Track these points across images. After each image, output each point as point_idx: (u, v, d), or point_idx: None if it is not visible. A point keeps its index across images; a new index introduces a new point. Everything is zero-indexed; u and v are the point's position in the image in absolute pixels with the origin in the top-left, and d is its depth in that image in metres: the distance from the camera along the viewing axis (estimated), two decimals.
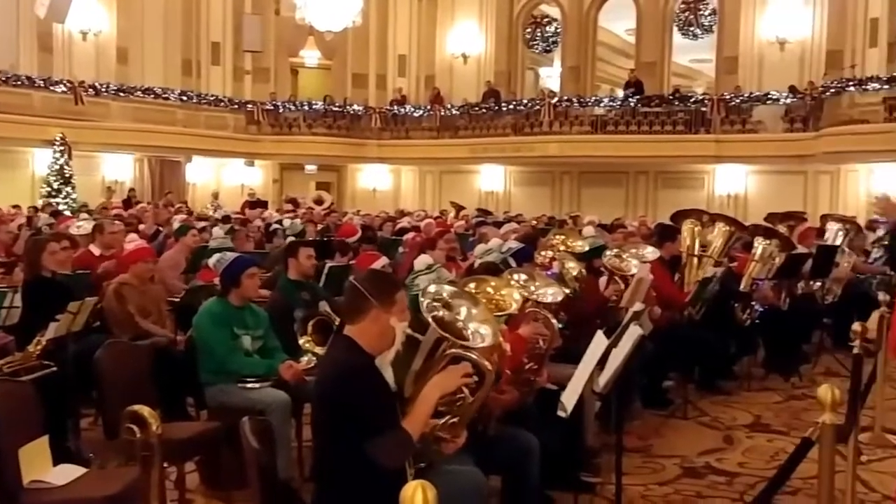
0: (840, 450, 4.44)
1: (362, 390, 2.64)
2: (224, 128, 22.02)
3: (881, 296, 5.93)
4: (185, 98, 21.18)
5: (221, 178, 23.17)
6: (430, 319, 2.80)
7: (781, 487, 4.34)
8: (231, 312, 4.49)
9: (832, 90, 17.18)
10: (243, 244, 8.08)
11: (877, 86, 16.24)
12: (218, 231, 8.47)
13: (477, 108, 21.88)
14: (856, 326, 4.53)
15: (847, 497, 4.22)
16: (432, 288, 2.85)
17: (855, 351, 4.40)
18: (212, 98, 21.89)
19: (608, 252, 6.05)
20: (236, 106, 22.32)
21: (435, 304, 2.85)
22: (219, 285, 4.69)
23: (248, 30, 22.61)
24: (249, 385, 4.38)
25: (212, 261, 4.79)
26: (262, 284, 6.06)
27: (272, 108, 22.42)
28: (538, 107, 20.83)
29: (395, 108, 23.15)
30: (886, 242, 9.24)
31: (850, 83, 16.79)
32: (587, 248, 6.03)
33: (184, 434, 4.10)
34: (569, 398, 3.33)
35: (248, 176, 23.00)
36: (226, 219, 12.18)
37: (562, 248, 5.85)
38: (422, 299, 2.88)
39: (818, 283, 8.17)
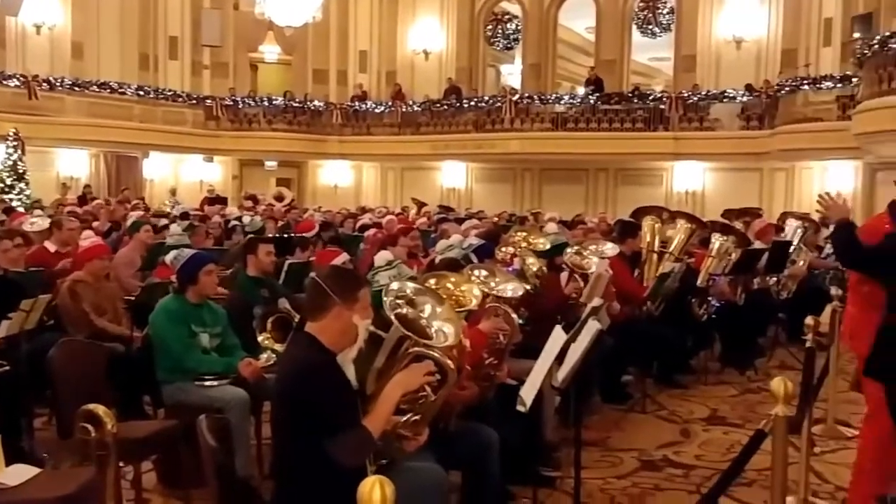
0: (794, 441, 4.55)
1: (323, 388, 2.62)
2: (182, 123, 21.74)
3: (833, 290, 6.06)
4: (142, 93, 20.87)
5: (180, 175, 22.89)
6: (392, 317, 2.79)
7: (736, 479, 4.44)
8: (188, 310, 4.44)
9: (787, 89, 17.48)
10: (201, 241, 7.99)
11: (830, 84, 16.56)
12: (175, 228, 8.35)
13: (438, 105, 21.89)
14: (808, 321, 4.61)
15: (801, 488, 4.32)
16: (395, 285, 2.84)
17: (808, 345, 4.49)
18: (170, 93, 21.59)
19: (569, 249, 6.09)
20: (195, 101, 22.04)
21: (398, 301, 2.84)
22: (176, 282, 4.63)
23: (207, 24, 22.35)
24: (207, 383, 4.33)
25: (169, 258, 4.73)
26: (220, 281, 6.02)
27: (231, 103, 22.18)
28: (499, 104, 20.90)
29: (356, 103, 23.05)
30: None
31: (805, 82, 17.10)
32: (549, 246, 6.06)
33: (140, 433, 4.05)
34: (528, 393, 3.35)
35: (206, 172, 22.74)
36: (184, 215, 12.02)
37: (524, 244, 5.87)
38: (385, 297, 2.87)
39: (773, 279, 8.32)
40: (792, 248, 8.60)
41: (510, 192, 22.15)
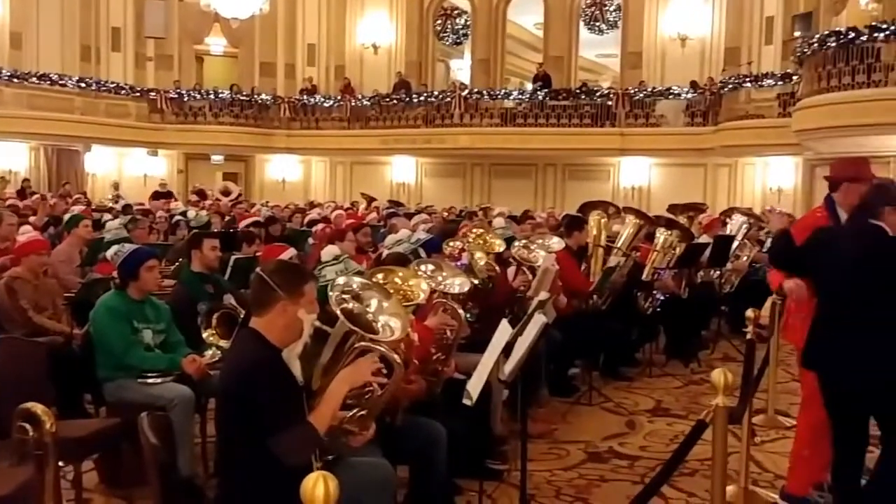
0: (735, 431, 4.65)
1: (267, 384, 2.59)
2: (125, 116, 21.31)
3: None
4: (83, 85, 20.37)
5: (123, 169, 22.45)
6: (338, 312, 2.77)
7: (678, 468, 4.52)
8: (130, 306, 4.36)
9: (730, 86, 17.83)
10: (143, 236, 7.84)
11: (771, 82, 16.94)
12: (111, 223, 8.16)
13: (388, 99, 21.83)
14: (749, 313, 4.71)
15: (741, 477, 4.42)
16: (341, 280, 2.82)
17: (748, 337, 4.60)
18: (112, 85, 21.14)
19: (517, 243, 6.12)
20: (138, 94, 21.62)
21: (344, 296, 2.82)
22: (117, 278, 4.54)
23: (151, 15, 21.92)
24: (150, 380, 4.26)
25: (109, 253, 4.63)
26: (164, 277, 5.92)
27: (176, 96, 21.81)
28: (449, 99, 20.93)
29: (305, 97, 22.87)
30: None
31: (747, 79, 17.47)
32: (504, 248, 6.06)
33: (81, 432, 3.96)
34: (474, 386, 3.37)
35: (151, 166, 22.34)
36: (126, 209, 11.80)
37: (479, 242, 5.87)
38: (330, 292, 2.84)
39: (716, 273, 8.48)
40: (735, 242, 8.79)
41: (460, 186, 22.21)
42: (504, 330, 3.58)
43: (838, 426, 3.81)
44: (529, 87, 21.82)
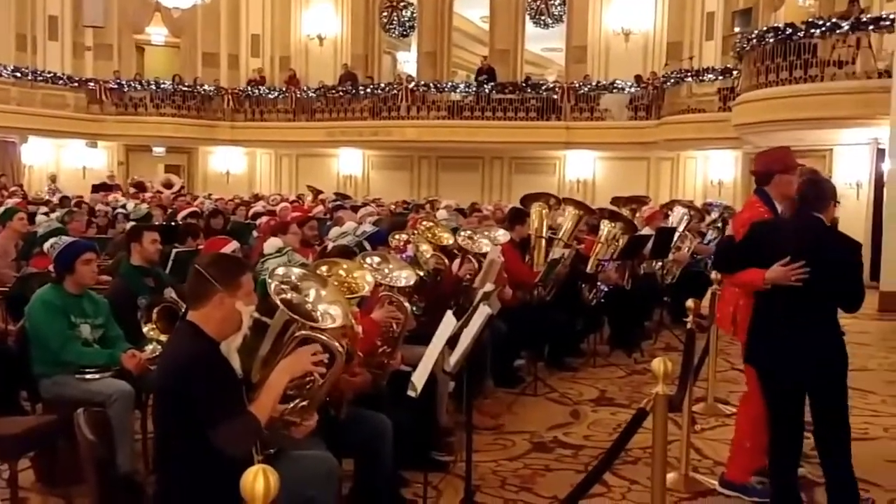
0: (676, 419, 4.74)
1: (205, 376, 2.56)
2: (63, 107, 20.78)
3: (713, 275, 6.32)
4: (19, 75, 19.80)
5: (61, 160, 21.88)
6: (278, 301, 2.75)
7: (620, 456, 4.59)
8: (67, 300, 4.26)
9: (672, 80, 18.13)
10: (80, 228, 7.65)
11: (712, 77, 17.27)
12: (41, 217, 7.95)
13: (334, 91, 21.66)
14: (689, 303, 4.80)
15: (682, 464, 4.50)
16: (280, 270, 2.79)
17: (688, 326, 4.68)
18: (49, 75, 20.57)
19: (462, 233, 6.13)
20: (76, 84, 21.09)
21: (283, 286, 2.79)
22: (53, 272, 4.42)
23: (89, 4, 21.35)
24: (89, 376, 4.16)
25: (46, 246, 4.51)
26: (102, 271, 5.79)
27: (116, 86, 21.33)
28: (395, 91, 20.86)
29: (249, 88, 22.56)
30: (720, 225, 9.90)
31: (689, 74, 17.77)
32: (452, 241, 6.06)
33: (16, 429, 3.86)
34: (419, 378, 3.37)
35: (90, 158, 21.83)
36: (63, 202, 11.51)
37: (428, 235, 5.86)
38: (269, 280, 2.81)
39: (659, 264, 8.62)
40: (676, 234, 8.95)
41: (407, 179, 22.17)
42: (448, 322, 3.59)
43: (777, 419, 3.91)
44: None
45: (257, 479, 1.77)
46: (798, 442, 3.96)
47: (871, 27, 11.88)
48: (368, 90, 21.31)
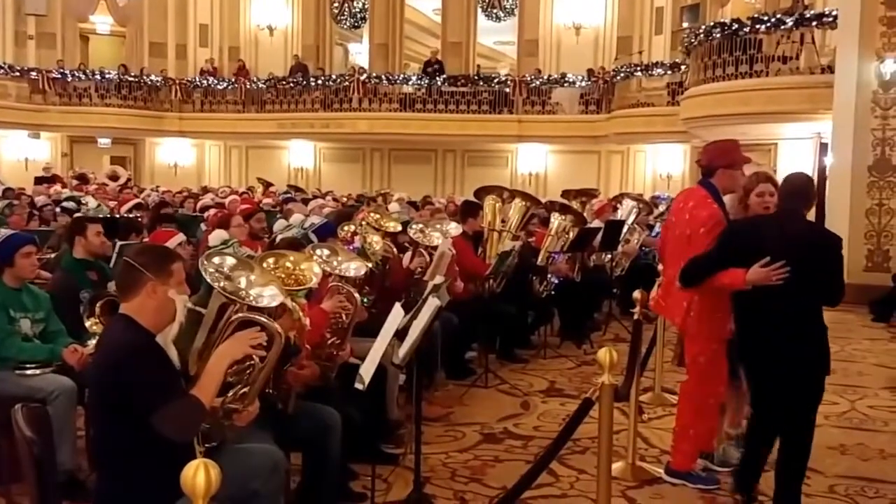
0: (624, 409, 4.80)
1: (142, 365, 2.50)
2: (4, 97, 20.25)
3: (661, 267, 6.40)
4: None
5: (2, 152, 21.31)
6: (215, 286, 2.70)
7: (569, 446, 4.64)
8: (6, 294, 4.14)
9: (622, 74, 18.31)
10: (20, 222, 7.45)
11: (661, 71, 17.50)
12: None
13: (284, 83, 21.43)
14: (636, 294, 4.86)
15: (629, 453, 4.56)
16: (216, 259, 2.75)
17: (635, 317, 4.74)
18: None
19: (413, 226, 6.12)
20: (18, 73, 20.54)
21: (218, 275, 2.74)
22: None
23: None
24: (29, 372, 4.06)
25: None
26: (44, 265, 5.65)
27: (59, 76, 20.83)
28: (347, 83, 20.72)
29: (199, 79, 22.20)
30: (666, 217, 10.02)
31: (638, 68, 17.98)
32: (400, 229, 6.05)
33: None
34: (366, 370, 3.35)
35: (33, 149, 21.29)
36: (6, 193, 11.21)
37: (375, 226, 5.83)
38: (204, 265, 2.76)
39: (608, 256, 8.72)
40: (626, 227, 9.05)
41: (360, 172, 22.08)
42: (396, 314, 3.58)
43: (760, 417, 3.96)
44: None
45: (198, 473, 1.74)
46: (772, 440, 4.01)
47: (814, 23, 12.13)
48: (320, 82, 21.14)
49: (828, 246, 3.83)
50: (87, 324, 4.24)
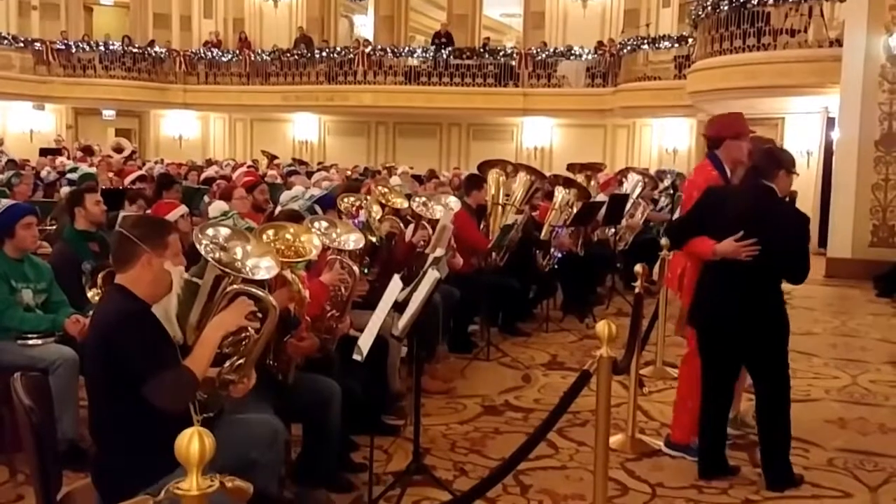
0: (624, 383, 4.81)
1: (136, 332, 2.51)
2: (8, 68, 20.19)
3: (664, 241, 6.39)
4: None
5: (7, 123, 21.30)
6: (209, 259, 2.70)
7: (569, 419, 4.66)
8: (7, 265, 4.15)
9: (629, 48, 18.16)
10: (25, 192, 7.45)
11: (668, 44, 17.33)
12: None
13: (289, 55, 21.31)
14: (637, 268, 4.84)
15: (629, 425, 4.58)
16: (210, 231, 2.74)
17: (636, 290, 4.74)
18: None
19: (416, 199, 6.09)
20: (22, 44, 20.46)
21: (212, 246, 2.74)
22: None
23: None
24: (31, 342, 4.08)
25: None
26: (46, 237, 5.66)
27: (63, 47, 20.74)
28: (352, 56, 20.60)
29: (203, 51, 22.09)
30: (672, 192, 10.00)
31: (645, 41, 17.81)
32: (406, 205, 6.02)
33: None
34: (364, 342, 3.36)
35: (37, 121, 21.26)
36: (10, 165, 11.21)
37: (382, 200, 5.81)
38: (199, 237, 2.75)
39: (612, 231, 8.69)
40: (630, 201, 9.02)
41: (364, 145, 22.01)
42: (395, 286, 3.58)
43: (709, 380, 4.01)
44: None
45: (192, 441, 1.74)
46: (727, 404, 4.08)
47: None
48: (324, 54, 21.01)
49: (792, 223, 3.84)
50: (89, 294, 4.25)
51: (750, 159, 4.38)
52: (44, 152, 16.93)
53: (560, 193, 8.01)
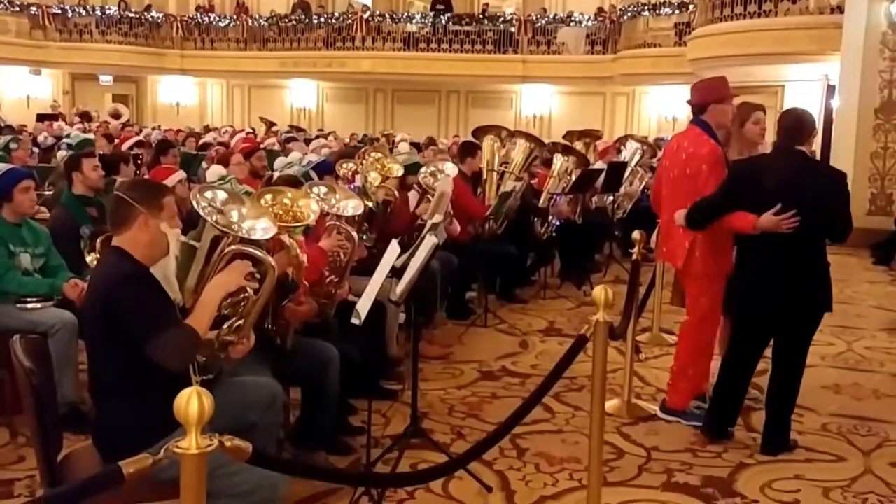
0: (621, 349, 4.84)
1: (137, 294, 2.52)
2: (4, 32, 20.02)
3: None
4: None
5: (3, 89, 21.15)
6: (207, 220, 2.70)
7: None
8: (6, 229, 4.15)
9: (629, 14, 18.00)
10: (23, 157, 7.43)
11: (669, 11, 17.18)
12: None
13: (286, 20, 21.12)
14: (635, 235, 4.86)
15: (625, 390, 4.62)
16: (208, 193, 2.74)
17: (634, 257, 4.75)
18: None
19: (424, 169, 6.05)
20: (18, 8, 20.26)
21: (210, 208, 2.74)
22: None
23: None
24: (30, 305, 4.09)
25: None
26: (43, 202, 5.65)
27: (59, 11, 20.54)
28: (350, 21, 20.42)
29: (199, 16, 21.88)
30: None
31: (646, 8, 17.65)
32: (402, 172, 5.99)
33: None
34: (363, 305, 3.37)
35: (34, 86, 21.11)
36: (7, 130, 11.17)
37: (377, 166, 5.79)
38: (197, 198, 2.75)
39: (610, 198, 8.69)
40: (628, 169, 8.99)
41: (363, 112, 21.90)
42: (393, 250, 3.59)
43: (745, 349, 3.99)
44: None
45: (191, 401, 1.77)
46: (750, 374, 4.08)
47: None
48: (322, 20, 20.82)
49: (831, 183, 3.81)
50: (88, 259, 4.26)
51: (734, 123, 4.36)
52: (41, 118, 16.86)
53: (559, 161, 7.99)
